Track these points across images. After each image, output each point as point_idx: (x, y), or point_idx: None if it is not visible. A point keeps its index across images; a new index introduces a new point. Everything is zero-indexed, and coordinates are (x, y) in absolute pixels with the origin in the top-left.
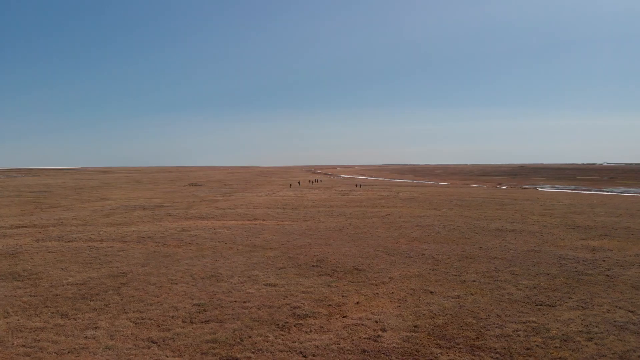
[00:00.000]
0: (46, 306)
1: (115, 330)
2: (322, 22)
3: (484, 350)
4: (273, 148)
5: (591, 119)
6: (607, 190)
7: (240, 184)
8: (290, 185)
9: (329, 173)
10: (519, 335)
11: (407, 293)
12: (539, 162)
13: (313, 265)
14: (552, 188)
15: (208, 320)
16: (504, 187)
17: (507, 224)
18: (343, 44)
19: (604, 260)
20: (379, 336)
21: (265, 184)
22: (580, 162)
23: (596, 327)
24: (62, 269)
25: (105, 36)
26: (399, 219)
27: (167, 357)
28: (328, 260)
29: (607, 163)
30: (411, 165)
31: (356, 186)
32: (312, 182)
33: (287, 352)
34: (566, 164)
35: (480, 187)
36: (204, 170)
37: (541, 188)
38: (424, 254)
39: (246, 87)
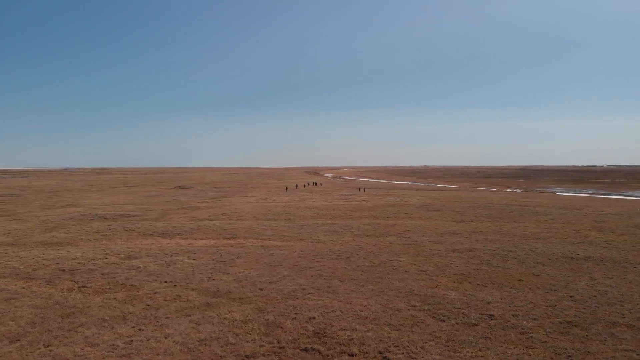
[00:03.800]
0: None
1: None
2: (322, 22)
3: None
4: (273, 149)
5: (588, 121)
6: (627, 194)
7: (233, 186)
8: (287, 188)
9: (329, 174)
10: None
11: None
12: (539, 164)
13: (305, 349)
14: (568, 192)
15: None
16: (518, 191)
17: (569, 246)
18: (343, 45)
19: None
20: None
21: (259, 187)
22: (579, 163)
23: None
24: None
25: (105, 36)
26: (423, 237)
27: None
28: (332, 334)
29: (607, 165)
30: (411, 166)
31: (359, 189)
32: (307, 185)
33: None
34: (566, 166)
35: (492, 191)
36: (202, 171)
37: (558, 192)
38: (492, 315)
39: (246, 87)
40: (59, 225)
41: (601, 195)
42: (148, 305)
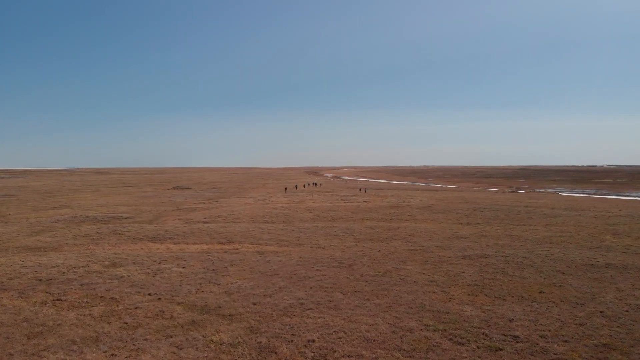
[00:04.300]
0: None
1: None
2: (322, 22)
3: None
4: (273, 149)
5: (588, 121)
6: (632, 194)
7: (232, 186)
8: (286, 188)
9: (329, 174)
10: None
11: None
12: (539, 164)
13: None
14: (571, 192)
15: None
16: (521, 191)
17: (587, 251)
18: (343, 45)
19: None
20: None
21: (258, 187)
22: (579, 163)
23: None
24: None
25: (105, 36)
26: (430, 242)
27: None
28: None
29: (607, 165)
30: (411, 166)
31: (360, 190)
32: (307, 186)
33: None
34: (567, 166)
35: (495, 191)
36: (201, 171)
37: (561, 192)
38: (517, 336)
39: (246, 87)
40: (46, 229)
41: (606, 195)
42: (126, 324)
